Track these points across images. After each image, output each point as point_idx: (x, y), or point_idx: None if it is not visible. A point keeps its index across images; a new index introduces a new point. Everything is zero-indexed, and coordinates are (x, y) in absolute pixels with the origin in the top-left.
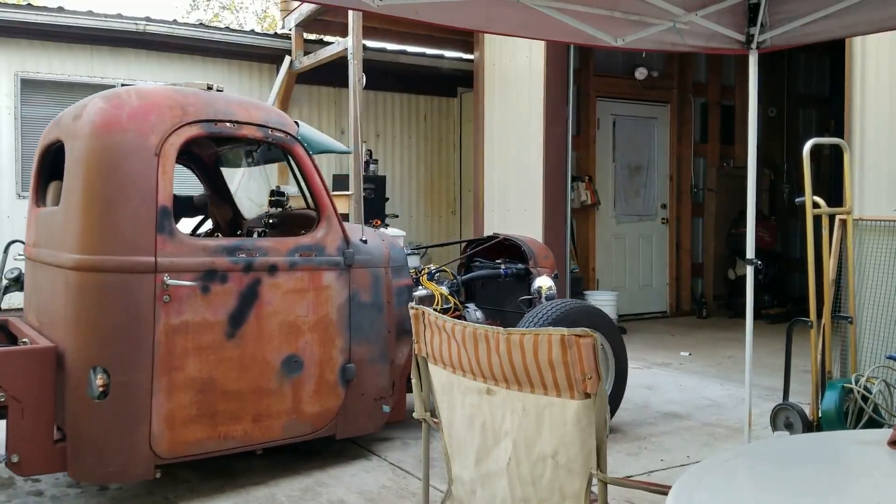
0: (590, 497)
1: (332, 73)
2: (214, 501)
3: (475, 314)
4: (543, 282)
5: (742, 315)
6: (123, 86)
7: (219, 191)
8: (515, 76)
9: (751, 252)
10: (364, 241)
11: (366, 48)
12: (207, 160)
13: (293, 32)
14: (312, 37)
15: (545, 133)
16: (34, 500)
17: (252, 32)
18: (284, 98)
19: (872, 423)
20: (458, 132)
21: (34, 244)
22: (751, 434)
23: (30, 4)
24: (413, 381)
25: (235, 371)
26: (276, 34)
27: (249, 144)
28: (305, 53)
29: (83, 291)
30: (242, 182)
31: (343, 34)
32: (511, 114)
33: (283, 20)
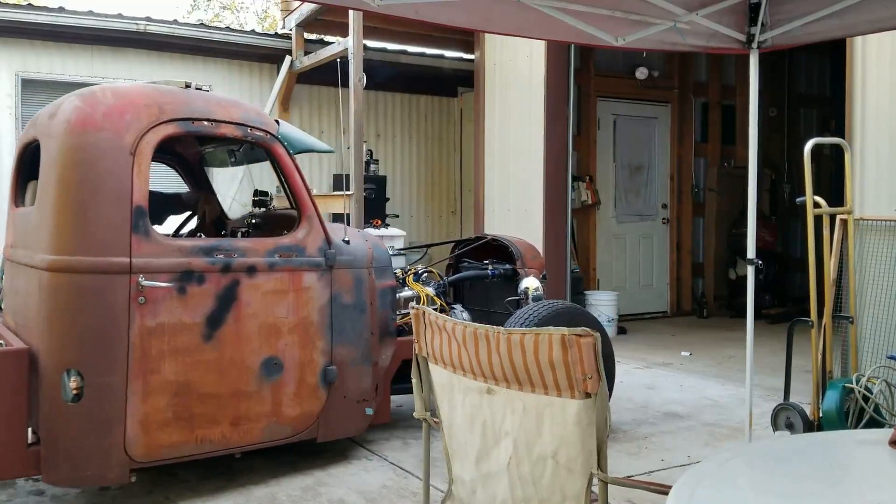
0: (590, 497)
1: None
2: (215, 501)
3: (461, 315)
4: (530, 282)
5: (743, 315)
6: None
7: (203, 190)
8: (516, 76)
9: (751, 252)
10: (346, 242)
11: (366, 48)
12: (191, 159)
13: (293, 32)
14: (313, 37)
15: (546, 133)
16: (35, 500)
17: (252, 32)
18: (285, 98)
19: (873, 423)
20: (459, 132)
21: (12, 245)
22: (752, 434)
23: (30, 4)
24: (413, 381)
25: (213, 374)
26: (277, 34)
27: (228, 143)
28: (306, 53)
29: (56, 293)
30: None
31: (343, 34)
32: (512, 114)
33: (284, 20)
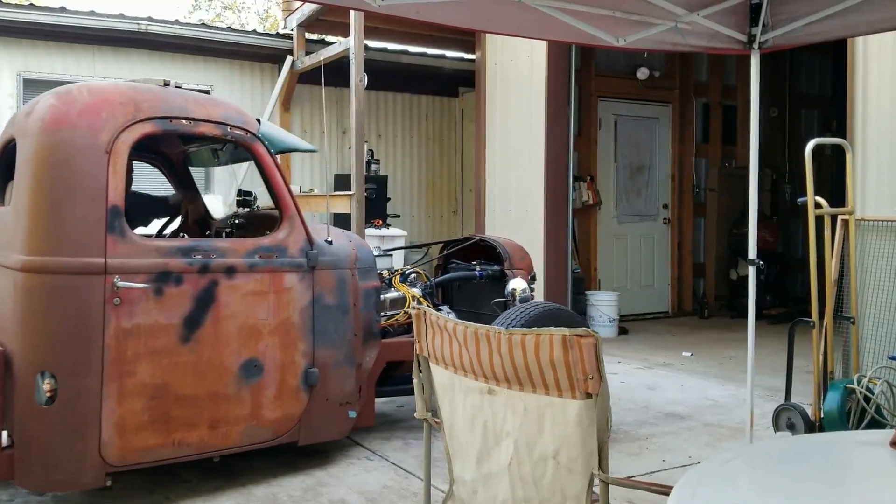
0: (591, 497)
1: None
2: (216, 501)
3: (448, 317)
4: (517, 284)
5: (744, 315)
6: None
7: (187, 190)
8: (517, 76)
9: (752, 252)
10: (329, 242)
11: (367, 48)
12: (175, 159)
13: (295, 32)
14: (314, 37)
15: (547, 133)
16: (36, 500)
17: (254, 32)
18: (286, 98)
19: (875, 424)
20: (460, 132)
21: None
22: (753, 434)
23: (32, 4)
24: (415, 381)
25: (191, 376)
26: (278, 34)
27: (208, 142)
28: (307, 53)
29: (30, 294)
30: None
31: (345, 34)
32: (513, 114)
33: (285, 20)
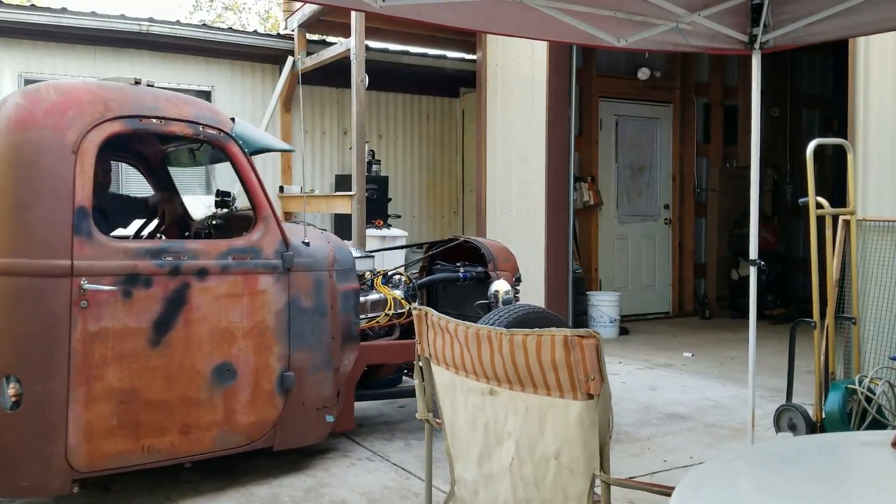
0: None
1: (335, 74)
2: (217, 501)
3: None
4: (500, 286)
5: (745, 316)
6: None
7: (165, 191)
8: (518, 76)
9: (754, 252)
10: (306, 244)
11: (368, 49)
12: (153, 159)
13: (296, 33)
14: (315, 37)
15: (548, 133)
16: (38, 500)
17: (255, 33)
18: (287, 98)
19: (876, 424)
20: (461, 132)
21: None
22: (754, 435)
23: (33, 5)
24: (416, 382)
25: (161, 380)
26: (279, 35)
27: (179, 142)
28: (308, 54)
29: None
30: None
31: (346, 35)
32: (513, 114)
33: (286, 21)
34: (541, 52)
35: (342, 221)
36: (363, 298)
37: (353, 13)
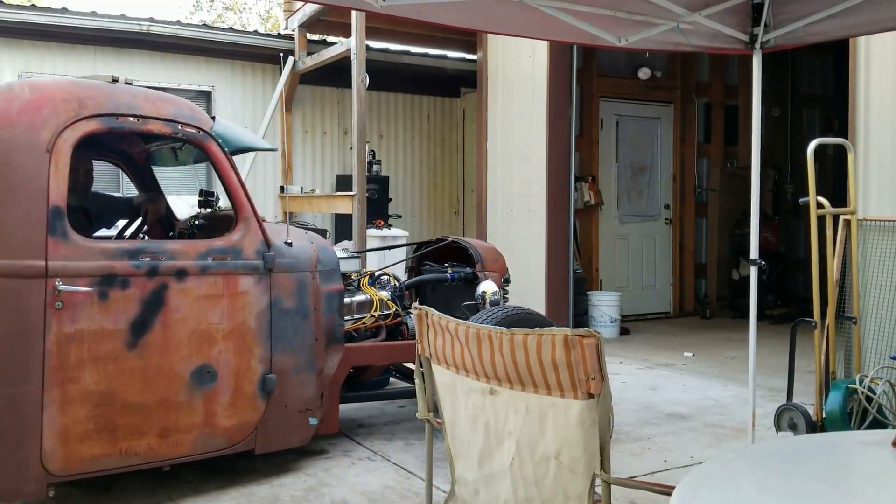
0: (593, 497)
1: (336, 74)
2: (218, 501)
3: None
4: (488, 287)
5: (745, 315)
6: None
7: (149, 190)
8: (519, 76)
9: (754, 252)
10: (289, 244)
11: (369, 48)
12: (137, 158)
13: (296, 33)
14: (315, 37)
15: (548, 133)
16: (38, 500)
17: (255, 33)
18: (287, 98)
19: (876, 424)
20: (462, 132)
21: None
22: (754, 435)
23: (34, 5)
24: (416, 382)
25: (138, 383)
26: (280, 35)
27: (158, 140)
28: (308, 54)
29: None
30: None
31: (346, 35)
32: (514, 114)
33: (287, 21)
34: (541, 52)
35: (343, 221)
36: (349, 299)
37: (354, 13)
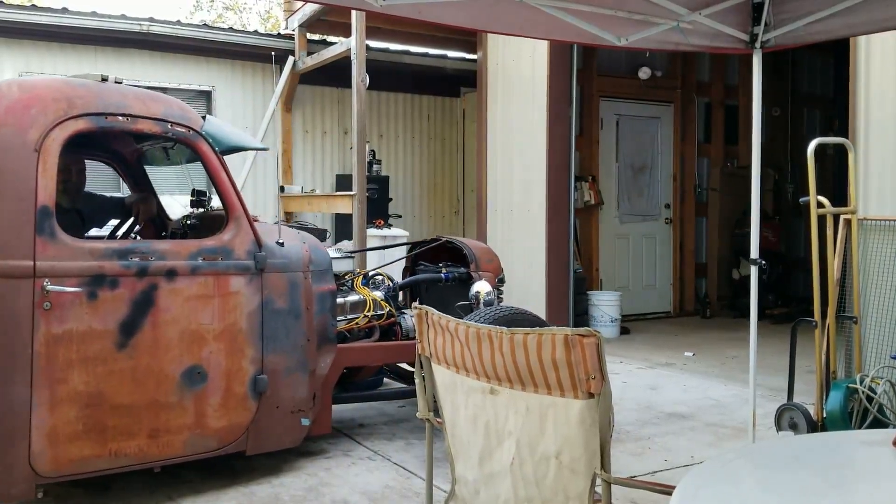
0: (594, 497)
1: (336, 74)
2: (218, 501)
3: (410, 321)
4: (481, 287)
5: (746, 315)
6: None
7: (143, 190)
8: (519, 76)
9: (755, 252)
10: (280, 244)
11: (369, 48)
12: (130, 158)
13: (296, 33)
14: (316, 37)
15: (548, 133)
16: (38, 500)
17: (255, 33)
18: (287, 98)
19: (877, 424)
20: (462, 132)
21: None
22: (755, 434)
23: (34, 5)
24: (416, 381)
25: (128, 384)
26: (280, 34)
27: (148, 140)
28: (309, 54)
29: None
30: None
31: (346, 34)
32: (514, 114)
33: (287, 20)
34: (541, 52)
35: (343, 221)
36: (341, 300)
37: (354, 13)
